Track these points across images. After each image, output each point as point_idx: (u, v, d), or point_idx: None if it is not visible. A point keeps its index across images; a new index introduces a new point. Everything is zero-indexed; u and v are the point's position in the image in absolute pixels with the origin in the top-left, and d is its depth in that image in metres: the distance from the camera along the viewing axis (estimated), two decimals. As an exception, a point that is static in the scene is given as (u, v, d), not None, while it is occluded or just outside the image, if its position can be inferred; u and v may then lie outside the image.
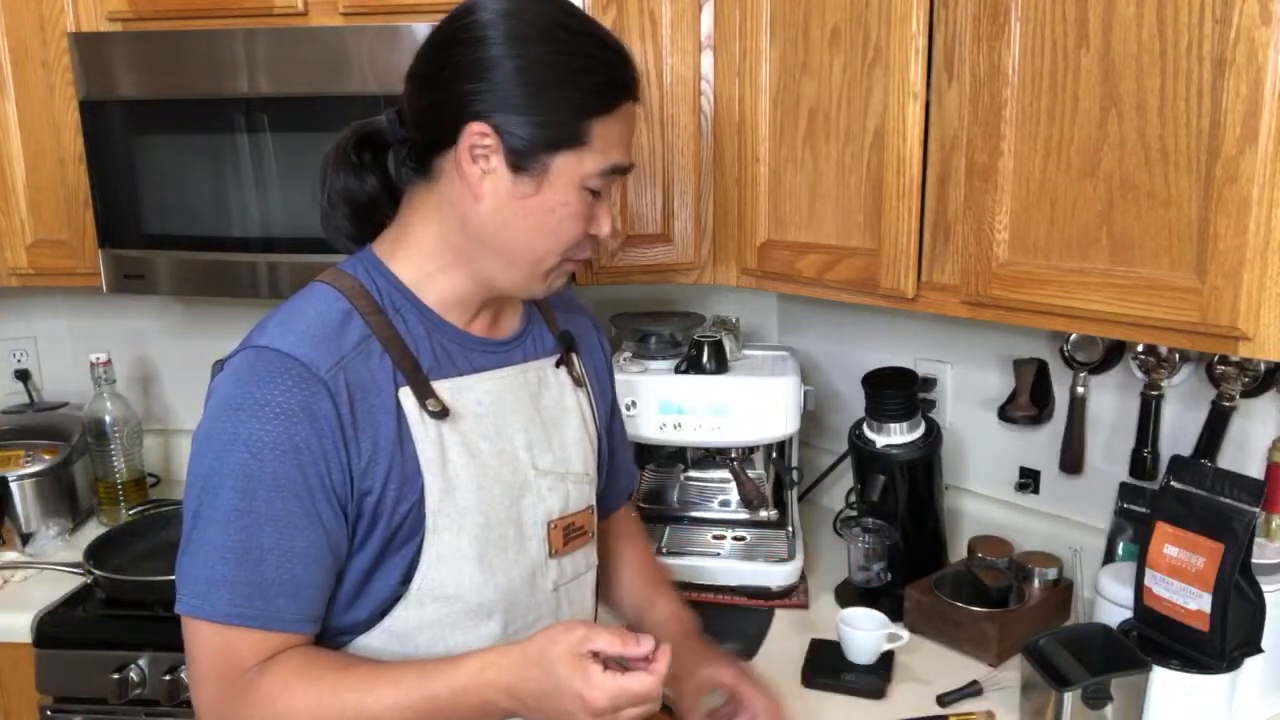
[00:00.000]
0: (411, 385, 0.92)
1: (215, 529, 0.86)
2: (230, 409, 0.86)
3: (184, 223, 1.60)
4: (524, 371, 1.04)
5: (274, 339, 0.88)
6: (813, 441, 1.95)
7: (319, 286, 0.94)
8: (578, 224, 0.93)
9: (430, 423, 0.92)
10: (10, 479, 1.77)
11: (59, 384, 2.14)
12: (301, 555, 0.87)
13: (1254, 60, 0.91)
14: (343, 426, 0.87)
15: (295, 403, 0.85)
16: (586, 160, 0.90)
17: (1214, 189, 0.95)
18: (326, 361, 0.87)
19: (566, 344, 1.10)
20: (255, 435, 0.85)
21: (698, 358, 1.57)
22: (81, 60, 1.56)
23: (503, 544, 0.98)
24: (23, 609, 1.55)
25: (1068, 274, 1.11)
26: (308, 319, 0.90)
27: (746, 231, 1.57)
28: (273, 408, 0.85)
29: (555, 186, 0.91)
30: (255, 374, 0.87)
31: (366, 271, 0.96)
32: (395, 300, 0.95)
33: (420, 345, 0.94)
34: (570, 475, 1.05)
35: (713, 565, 1.56)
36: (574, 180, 0.91)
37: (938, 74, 1.25)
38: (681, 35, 1.57)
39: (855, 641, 1.29)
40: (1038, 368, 1.54)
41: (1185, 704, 1.12)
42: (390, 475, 0.90)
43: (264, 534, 0.86)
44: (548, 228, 0.92)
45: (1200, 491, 1.12)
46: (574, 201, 0.91)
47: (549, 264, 0.94)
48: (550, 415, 1.05)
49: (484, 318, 1.01)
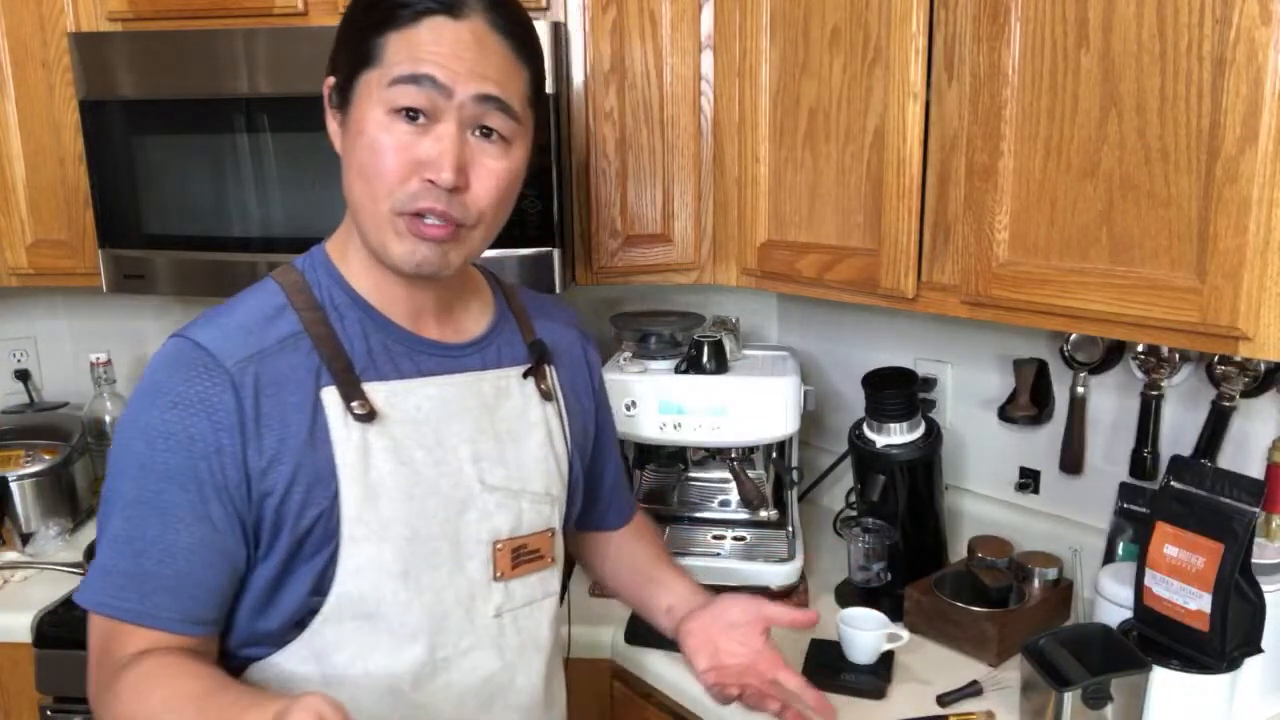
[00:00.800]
0: (339, 385, 0.88)
1: (108, 518, 0.86)
2: (137, 397, 0.86)
3: (184, 223, 1.60)
4: (479, 380, 0.98)
5: (194, 329, 0.87)
6: (813, 441, 1.95)
7: (265, 281, 0.93)
8: (386, 157, 0.83)
9: (354, 425, 0.88)
10: (10, 479, 1.77)
11: (59, 384, 2.14)
12: (186, 551, 0.84)
13: (1254, 60, 0.91)
14: (243, 421, 0.84)
15: (194, 393, 0.83)
16: (381, 76, 0.84)
17: (1214, 189, 0.95)
18: (237, 354, 0.85)
19: (537, 354, 1.04)
20: (153, 424, 0.84)
21: (698, 358, 1.57)
22: (81, 60, 1.56)
23: (434, 561, 0.92)
24: (23, 609, 1.55)
25: (1068, 274, 1.11)
26: (235, 311, 0.89)
27: (746, 231, 1.57)
28: (172, 397, 0.84)
29: (358, 112, 0.85)
30: (165, 363, 0.86)
31: (313, 267, 0.93)
32: (336, 298, 0.92)
33: (356, 345, 0.90)
34: (526, 494, 0.99)
35: (713, 565, 1.56)
36: (370, 99, 0.84)
37: (938, 74, 1.25)
38: (681, 35, 1.57)
39: (855, 641, 1.29)
40: (1038, 368, 1.54)
41: (1185, 704, 1.11)
42: (296, 477, 0.86)
43: (150, 525, 0.84)
44: (359, 164, 0.85)
45: (1200, 491, 1.12)
46: (371, 127, 0.84)
47: (383, 214, 0.85)
48: (508, 428, 0.99)
49: (437, 319, 0.97)
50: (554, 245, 1.54)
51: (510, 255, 1.52)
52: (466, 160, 0.85)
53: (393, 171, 0.84)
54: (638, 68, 1.58)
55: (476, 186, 0.86)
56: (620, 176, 1.61)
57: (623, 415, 1.54)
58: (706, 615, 1.08)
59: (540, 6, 1.55)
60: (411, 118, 0.83)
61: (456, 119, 0.84)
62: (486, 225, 0.90)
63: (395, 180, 0.84)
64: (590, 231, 1.63)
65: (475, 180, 0.86)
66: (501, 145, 0.88)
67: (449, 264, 0.89)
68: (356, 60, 0.85)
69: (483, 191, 0.87)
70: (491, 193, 0.87)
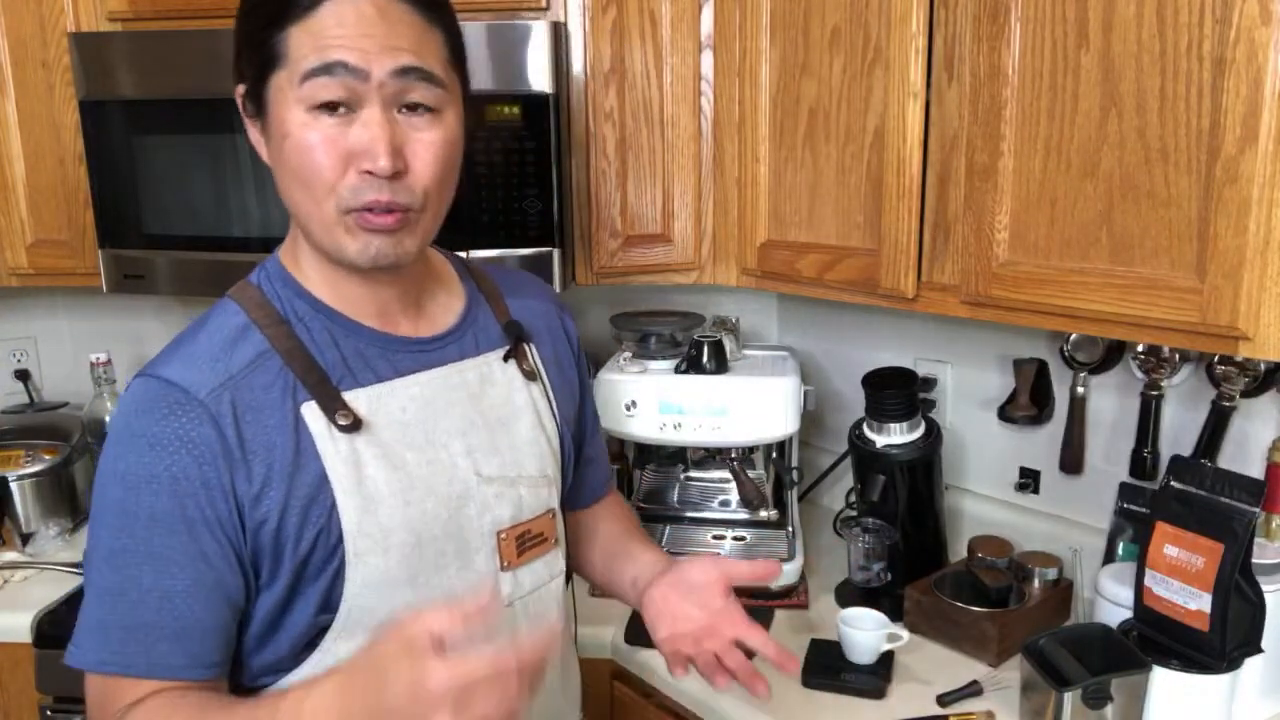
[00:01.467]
0: (317, 399, 0.84)
1: (94, 570, 0.81)
2: (111, 444, 0.82)
3: (184, 223, 1.60)
4: (460, 371, 0.95)
5: (158, 366, 0.83)
6: (813, 441, 1.95)
7: (222, 301, 0.89)
8: (317, 157, 0.80)
9: (340, 437, 0.84)
10: (10, 479, 1.77)
11: (59, 384, 2.14)
12: (184, 595, 0.80)
13: (1254, 60, 0.91)
14: (228, 451, 0.80)
15: (170, 432, 0.79)
16: (291, 74, 0.79)
17: (1214, 189, 0.95)
18: (208, 384, 0.81)
19: (515, 334, 1.00)
20: (131, 469, 0.80)
21: (698, 358, 1.57)
22: (81, 60, 1.56)
23: (440, 562, 0.90)
24: (23, 609, 1.55)
25: (1068, 274, 1.11)
26: (197, 340, 0.85)
27: (746, 231, 1.57)
28: (148, 439, 0.80)
29: (276, 116, 0.81)
30: (135, 405, 0.82)
31: (269, 280, 0.89)
32: (298, 308, 0.88)
33: (328, 354, 0.87)
34: (523, 479, 0.97)
35: (713, 565, 1.56)
36: (286, 100, 0.80)
37: (938, 74, 1.25)
38: (681, 35, 1.57)
39: (855, 641, 1.29)
40: (1038, 368, 1.54)
41: (1185, 704, 1.11)
42: (290, 500, 0.82)
43: (142, 573, 0.80)
44: (292, 167, 0.81)
45: (1200, 491, 1.12)
46: (295, 129, 0.80)
47: (329, 216, 0.82)
48: (497, 415, 0.96)
49: (406, 314, 0.93)
50: (554, 245, 1.54)
51: (510, 255, 1.52)
52: (400, 141, 0.81)
53: (327, 169, 0.80)
54: (638, 68, 1.58)
55: (416, 165, 0.82)
56: (620, 176, 1.61)
57: (623, 415, 1.55)
58: (665, 581, 1.03)
59: (540, 6, 1.55)
60: (333, 110, 0.79)
61: (379, 100, 0.80)
62: (435, 203, 0.86)
63: (332, 178, 0.80)
64: (590, 231, 1.63)
65: (413, 159, 0.82)
66: (431, 116, 0.83)
67: (406, 252, 0.85)
68: (261, 62, 0.81)
69: (423, 169, 0.83)
70: (432, 168, 0.83)
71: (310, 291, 0.89)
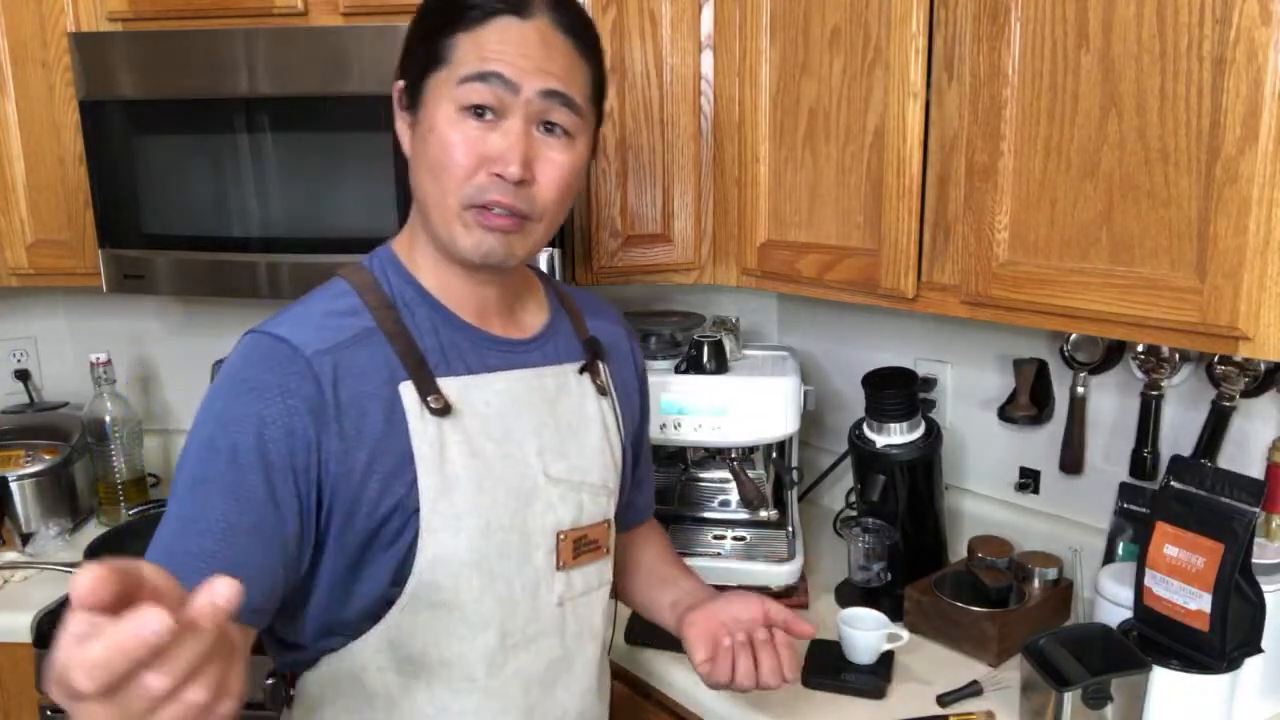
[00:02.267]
0: (414, 380, 0.90)
1: (174, 499, 0.85)
2: (214, 388, 0.88)
3: (184, 223, 1.60)
4: (541, 375, 1.00)
5: (271, 324, 0.89)
6: (813, 441, 1.95)
7: (334, 280, 0.95)
8: (456, 152, 0.87)
9: (430, 419, 0.90)
10: (10, 479, 1.77)
11: (59, 384, 2.14)
12: (248, 533, 0.83)
13: (1254, 60, 0.91)
14: (323, 407, 0.85)
15: (273, 379, 0.84)
16: (451, 75, 0.87)
17: (1214, 189, 0.95)
18: (315, 344, 0.87)
19: (593, 350, 1.07)
20: (227, 409, 0.85)
21: (698, 358, 1.57)
22: (81, 60, 1.56)
23: (505, 550, 0.94)
24: (23, 609, 1.55)
25: (1068, 274, 1.11)
26: (310, 309, 0.91)
27: (746, 231, 1.57)
28: (249, 383, 0.85)
29: (428, 111, 0.88)
30: (243, 355, 0.88)
31: (381, 266, 0.96)
32: (406, 295, 0.94)
33: (427, 340, 0.93)
34: (586, 485, 1.02)
35: (713, 565, 1.56)
36: (441, 98, 0.87)
37: (938, 74, 1.25)
38: (681, 35, 1.57)
39: (855, 641, 1.29)
40: (1038, 368, 1.54)
41: (1185, 704, 1.11)
42: (373, 465, 0.87)
43: (213, 505, 0.83)
44: (430, 161, 0.88)
45: (1200, 491, 1.12)
46: (441, 124, 0.87)
47: (452, 208, 0.88)
48: (569, 422, 1.02)
49: (500, 315, 0.99)
50: (554, 245, 1.54)
51: (510, 255, 1.52)
52: (532, 155, 0.88)
53: (462, 166, 0.86)
54: (638, 68, 1.58)
55: (542, 179, 0.89)
56: (620, 176, 1.61)
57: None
58: (710, 608, 1.07)
59: (540, 6, 1.55)
60: (480, 114, 0.86)
61: (523, 115, 0.87)
62: (550, 218, 0.92)
63: (464, 174, 0.87)
64: (590, 231, 1.63)
65: (540, 173, 0.89)
66: (565, 140, 0.90)
67: (514, 254, 0.91)
68: (427, 61, 0.88)
69: (547, 184, 0.89)
70: (556, 185, 0.90)
71: (419, 281, 0.95)
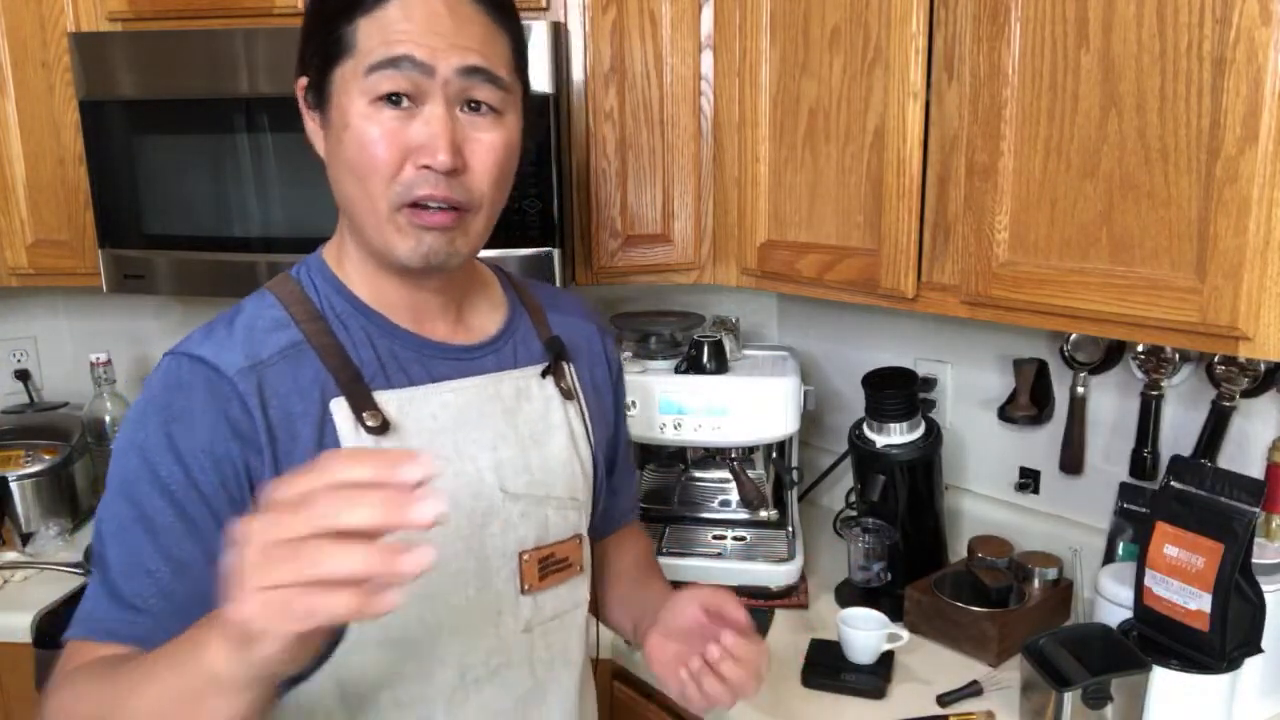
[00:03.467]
0: (347, 396, 0.83)
1: (106, 543, 0.79)
2: (133, 416, 0.81)
3: (184, 223, 1.60)
4: (497, 381, 0.92)
5: (189, 345, 0.83)
6: (813, 441, 1.95)
7: (259, 292, 0.89)
8: (376, 148, 0.79)
9: (366, 438, 0.82)
10: (10, 479, 1.77)
11: (59, 384, 2.14)
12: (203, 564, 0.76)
13: (1254, 60, 0.91)
14: (250, 432, 0.79)
15: (196, 405, 0.79)
16: (357, 65, 0.79)
17: (1214, 189, 0.95)
18: (238, 364, 0.81)
19: (555, 351, 0.99)
20: (150, 441, 0.78)
21: (698, 358, 1.57)
22: (81, 60, 1.56)
23: (459, 580, 0.87)
24: (23, 609, 1.55)
25: (1068, 274, 1.11)
26: (232, 325, 0.84)
27: (746, 231, 1.57)
28: (172, 411, 0.79)
29: (338, 107, 0.80)
30: (163, 381, 0.81)
31: (309, 276, 0.89)
32: (337, 305, 0.87)
33: (363, 352, 0.86)
34: (551, 500, 0.94)
35: (713, 565, 1.56)
36: (350, 91, 0.79)
37: (938, 74, 1.25)
38: (681, 35, 1.57)
39: (855, 641, 1.29)
40: (1038, 368, 1.54)
41: (1185, 704, 1.11)
42: None
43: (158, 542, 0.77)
44: (348, 161, 0.80)
45: (1200, 491, 1.12)
46: (355, 120, 0.79)
47: (382, 212, 0.81)
48: (530, 431, 0.93)
49: (445, 319, 0.92)
50: (554, 245, 1.54)
51: (510, 255, 1.52)
52: (460, 139, 0.80)
53: (385, 162, 0.79)
54: (638, 68, 1.58)
55: (474, 164, 0.82)
56: (620, 176, 1.61)
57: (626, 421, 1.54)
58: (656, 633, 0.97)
59: (540, 7, 1.55)
60: (395, 102, 0.79)
61: (443, 97, 0.79)
62: (489, 205, 0.85)
63: (389, 171, 0.79)
64: (590, 231, 1.63)
65: (472, 158, 0.81)
66: (493, 117, 0.82)
67: (457, 252, 0.84)
68: (328, 54, 0.80)
69: (481, 169, 0.82)
70: (491, 169, 0.83)
71: (351, 290, 0.88)
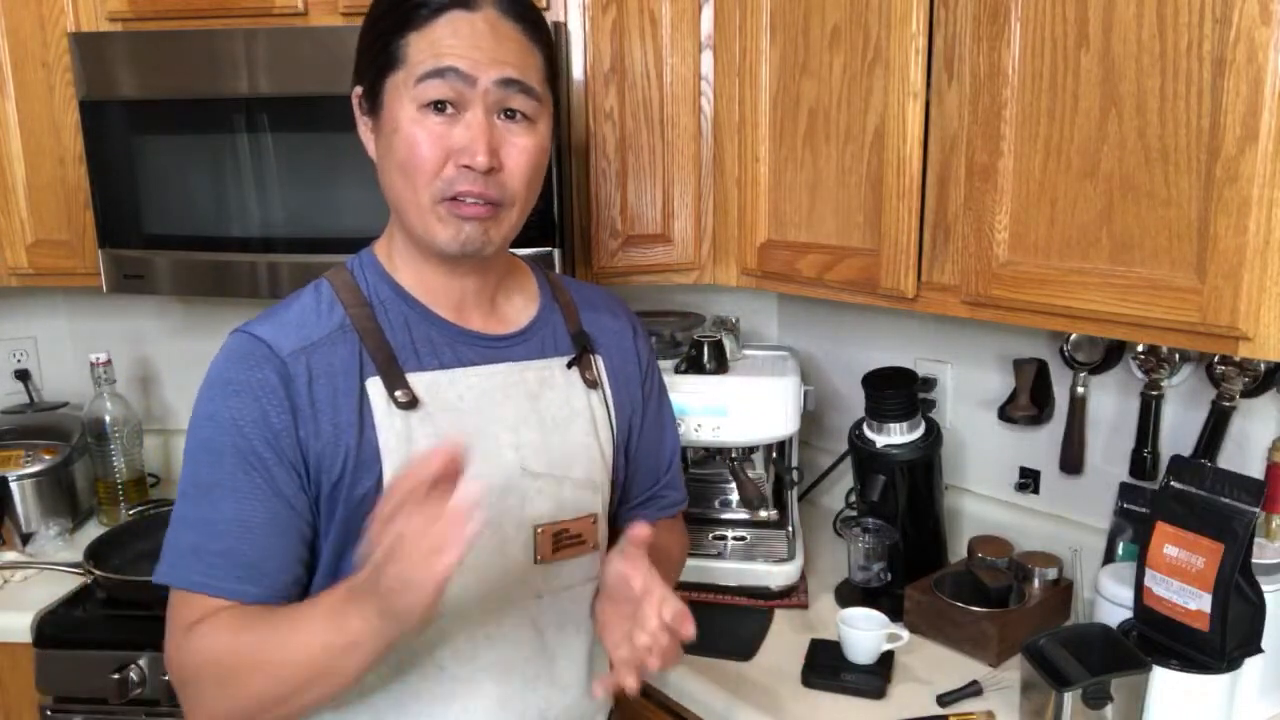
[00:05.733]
0: (382, 376, 0.93)
1: (184, 501, 0.91)
2: (203, 389, 0.92)
3: (184, 223, 1.60)
4: (524, 369, 1.01)
5: (253, 325, 0.94)
6: (813, 441, 1.95)
7: (319, 281, 0.99)
8: (422, 149, 0.89)
9: (397, 413, 0.92)
10: (10, 479, 1.77)
11: (59, 384, 2.14)
12: (263, 526, 0.89)
13: (1254, 60, 0.91)
14: (298, 406, 0.90)
15: (253, 379, 0.90)
16: (408, 75, 0.90)
17: (1214, 189, 0.95)
18: (290, 344, 0.91)
19: (582, 344, 1.07)
20: (217, 411, 0.90)
21: (698, 358, 1.57)
22: (81, 60, 1.56)
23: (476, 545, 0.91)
24: (23, 609, 1.55)
25: (1068, 274, 1.11)
26: (290, 309, 0.96)
27: (746, 231, 1.57)
28: (235, 385, 0.90)
29: (390, 112, 0.91)
30: (226, 355, 0.93)
31: (361, 266, 1.00)
32: (382, 293, 0.97)
33: (399, 336, 0.96)
34: (568, 480, 1.01)
35: (713, 565, 1.56)
36: (401, 99, 0.90)
37: (938, 74, 1.25)
38: (681, 35, 1.57)
39: (855, 641, 1.29)
40: (1038, 368, 1.54)
41: (1185, 704, 1.12)
42: (348, 458, 0.91)
43: (224, 505, 0.89)
44: (397, 161, 0.91)
45: (1200, 491, 1.12)
46: (405, 124, 0.90)
47: (425, 204, 0.91)
48: (553, 416, 1.02)
49: (480, 309, 1.01)
50: (554, 245, 1.54)
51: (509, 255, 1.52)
52: (497, 142, 0.91)
53: (430, 161, 0.89)
54: (638, 68, 1.58)
55: (509, 164, 0.92)
56: (620, 176, 1.61)
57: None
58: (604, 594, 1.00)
59: (540, 6, 1.55)
60: (440, 109, 0.89)
61: (483, 105, 0.90)
62: (521, 202, 0.95)
63: (433, 169, 0.90)
64: (590, 231, 1.63)
65: (507, 159, 0.92)
66: (526, 124, 0.93)
67: (490, 241, 0.94)
68: (382, 64, 0.91)
69: (515, 169, 0.93)
70: (523, 169, 0.93)
71: (396, 279, 0.98)
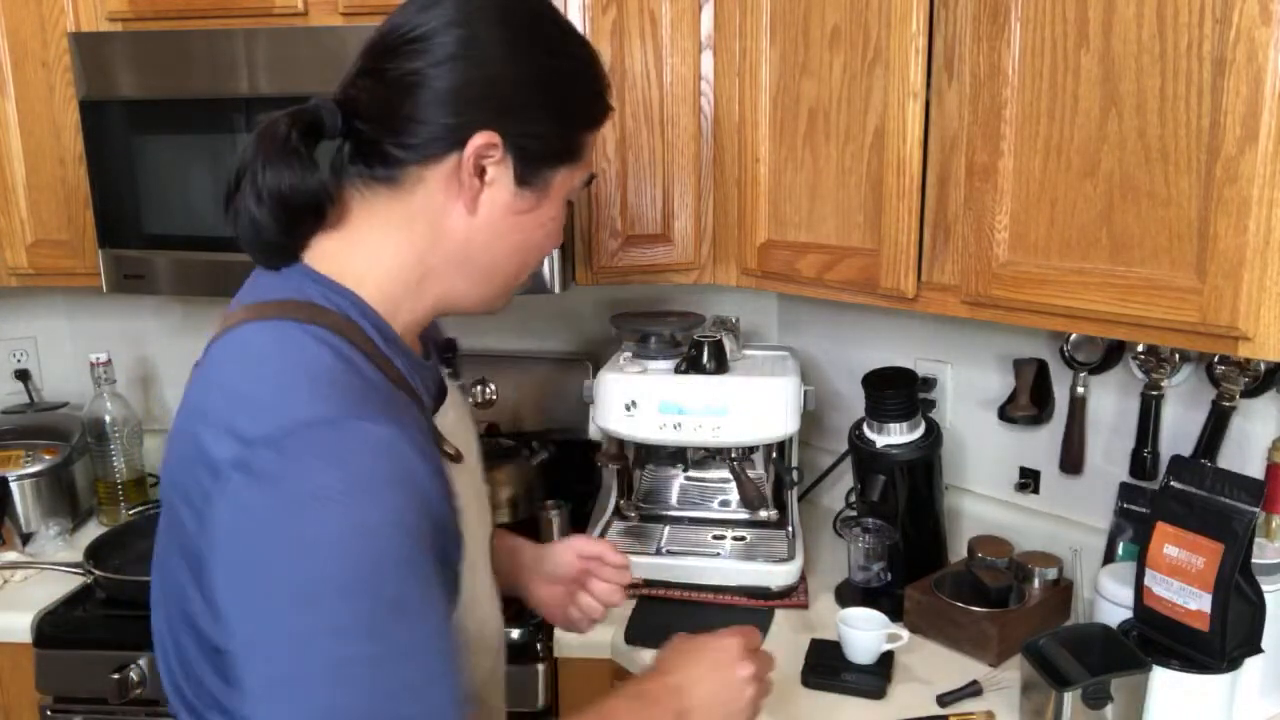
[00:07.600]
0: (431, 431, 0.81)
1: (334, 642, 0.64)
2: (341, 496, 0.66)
3: (184, 223, 1.60)
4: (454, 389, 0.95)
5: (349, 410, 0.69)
6: (813, 441, 1.95)
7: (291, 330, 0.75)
8: (560, 238, 0.89)
9: (452, 468, 0.81)
10: (10, 479, 1.77)
11: (59, 384, 2.14)
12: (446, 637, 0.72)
13: (1254, 60, 0.91)
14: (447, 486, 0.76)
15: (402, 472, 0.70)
16: (577, 174, 0.86)
17: (1214, 189, 0.95)
18: (398, 420, 0.71)
19: (452, 348, 1.04)
20: (383, 519, 0.67)
21: (698, 358, 1.57)
22: (81, 60, 1.56)
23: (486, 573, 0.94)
24: (23, 609, 1.55)
25: (1068, 274, 1.11)
26: (334, 374, 0.72)
27: (746, 231, 1.57)
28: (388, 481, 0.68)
29: (553, 201, 0.85)
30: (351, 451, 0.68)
31: (338, 303, 0.78)
32: (384, 333, 0.80)
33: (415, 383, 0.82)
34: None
35: (713, 565, 1.56)
36: (565, 192, 0.86)
37: (938, 74, 1.25)
38: (681, 35, 1.57)
39: (855, 641, 1.29)
40: (1038, 368, 1.54)
41: (1185, 704, 1.12)
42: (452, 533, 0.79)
43: (401, 629, 0.67)
44: (535, 242, 0.86)
45: (1200, 491, 1.12)
46: (560, 216, 0.87)
47: (522, 278, 0.88)
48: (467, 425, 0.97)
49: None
50: (554, 245, 1.54)
51: (510, 255, 1.52)
52: None
53: (554, 248, 0.90)
54: (638, 68, 1.58)
55: None
56: (620, 176, 1.61)
57: (623, 415, 1.54)
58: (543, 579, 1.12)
59: (540, 6, 1.55)
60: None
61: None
62: None
63: (549, 253, 0.93)
64: (590, 231, 1.63)
65: None
66: None
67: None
68: (561, 150, 0.84)
69: None
70: None
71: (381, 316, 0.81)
